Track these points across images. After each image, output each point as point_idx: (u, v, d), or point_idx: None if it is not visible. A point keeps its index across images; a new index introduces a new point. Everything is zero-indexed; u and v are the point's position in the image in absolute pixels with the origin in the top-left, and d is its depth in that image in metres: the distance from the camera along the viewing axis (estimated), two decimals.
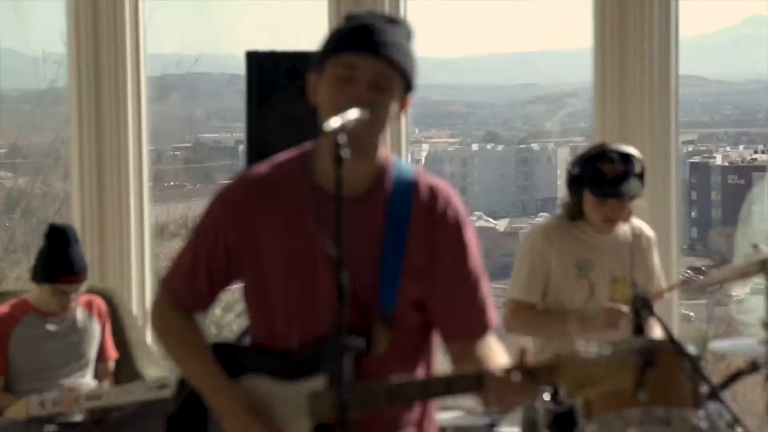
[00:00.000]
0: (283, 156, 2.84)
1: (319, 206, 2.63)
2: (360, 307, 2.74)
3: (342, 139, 2.48)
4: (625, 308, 4.40)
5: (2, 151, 7.69)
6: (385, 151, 2.82)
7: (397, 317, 2.75)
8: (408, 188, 2.79)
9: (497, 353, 2.77)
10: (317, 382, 2.71)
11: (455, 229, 2.80)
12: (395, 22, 2.76)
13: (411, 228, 2.76)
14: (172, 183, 8.54)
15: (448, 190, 2.83)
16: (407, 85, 2.74)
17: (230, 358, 2.85)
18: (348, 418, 2.44)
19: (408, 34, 2.77)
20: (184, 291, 2.88)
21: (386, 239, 2.74)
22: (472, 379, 2.60)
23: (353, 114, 2.56)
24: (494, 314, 2.85)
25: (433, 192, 2.80)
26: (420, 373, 2.86)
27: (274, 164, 2.84)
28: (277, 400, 2.77)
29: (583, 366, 2.48)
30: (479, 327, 2.82)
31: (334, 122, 2.50)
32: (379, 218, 2.76)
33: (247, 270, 2.81)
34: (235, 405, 2.76)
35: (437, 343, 2.91)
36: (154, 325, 2.95)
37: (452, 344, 2.83)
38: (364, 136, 2.65)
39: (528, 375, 2.52)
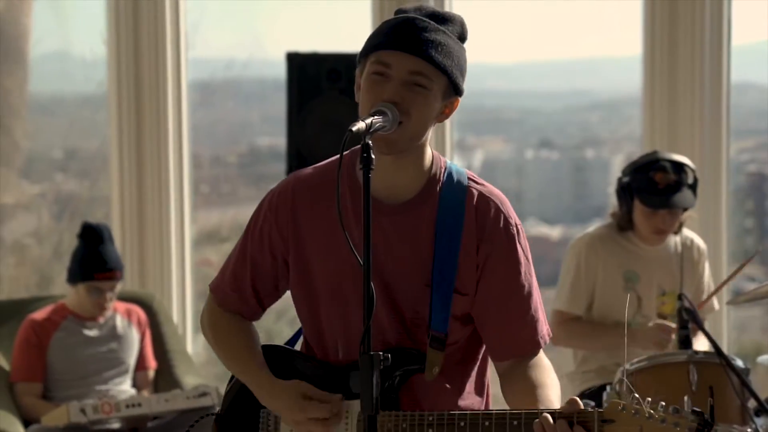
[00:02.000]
0: (331, 158, 2.77)
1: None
2: (407, 325, 2.67)
3: (369, 140, 2.39)
4: (674, 326, 4.29)
5: (58, 153, 7.71)
6: (435, 156, 2.72)
7: (448, 337, 2.66)
8: (459, 197, 2.68)
9: (547, 376, 2.67)
10: None
11: (507, 241, 2.67)
12: (444, 18, 2.61)
13: (462, 241, 2.65)
14: (227, 188, 8.52)
15: (500, 198, 2.71)
16: (454, 88, 2.61)
17: (280, 362, 2.79)
18: None
19: (459, 31, 2.63)
20: (230, 294, 2.83)
21: (437, 253, 2.64)
22: (517, 421, 2.50)
23: (380, 114, 2.48)
24: (546, 330, 2.74)
25: (485, 201, 2.69)
26: (469, 391, 2.77)
27: (320, 166, 2.77)
28: None
29: (638, 421, 2.41)
30: (528, 346, 2.70)
31: (359, 124, 2.41)
32: (428, 230, 2.66)
33: (294, 276, 2.75)
34: (288, 396, 2.67)
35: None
36: (203, 328, 2.91)
37: (501, 362, 2.73)
38: (397, 137, 2.54)
39: (581, 424, 2.44)
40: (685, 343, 4.14)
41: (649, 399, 2.43)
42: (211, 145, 7.98)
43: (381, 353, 2.37)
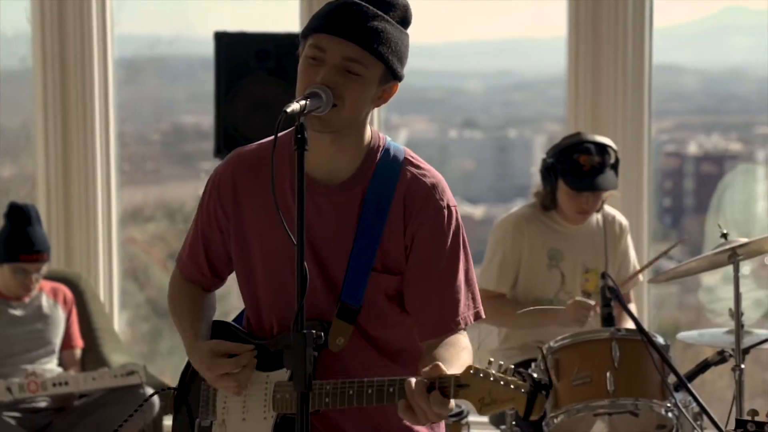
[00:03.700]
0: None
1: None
2: (330, 299, 2.70)
3: (303, 121, 2.42)
4: (592, 302, 4.38)
5: None
6: (374, 135, 2.73)
7: (366, 311, 2.69)
8: (392, 177, 2.69)
9: (453, 354, 2.65)
10: (284, 373, 2.69)
11: (433, 222, 2.68)
12: (386, 3, 2.61)
13: (389, 218, 2.67)
14: (151, 166, 8.47)
15: (435, 180, 2.71)
16: (392, 73, 2.63)
17: (226, 339, 2.80)
18: (306, 409, 2.41)
19: (401, 16, 2.63)
20: (189, 267, 2.88)
21: (359, 230, 2.66)
22: (393, 388, 2.53)
23: (314, 96, 2.49)
24: (470, 312, 2.74)
25: (416, 182, 2.70)
26: (407, 369, 2.77)
27: (264, 143, 2.78)
28: (251, 388, 2.74)
29: (487, 385, 2.43)
30: (445, 327, 2.70)
31: (293, 105, 2.44)
32: (356, 207, 2.68)
33: (235, 251, 2.79)
34: (200, 356, 2.70)
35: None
36: (168, 299, 2.96)
37: (423, 342, 2.74)
38: (332, 120, 2.56)
39: (439, 389, 2.45)
40: (608, 320, 4.21)
41: (501, 363, 2.47)
42: (135, 123, 7.92)
43: (314, 332, 2.39)
